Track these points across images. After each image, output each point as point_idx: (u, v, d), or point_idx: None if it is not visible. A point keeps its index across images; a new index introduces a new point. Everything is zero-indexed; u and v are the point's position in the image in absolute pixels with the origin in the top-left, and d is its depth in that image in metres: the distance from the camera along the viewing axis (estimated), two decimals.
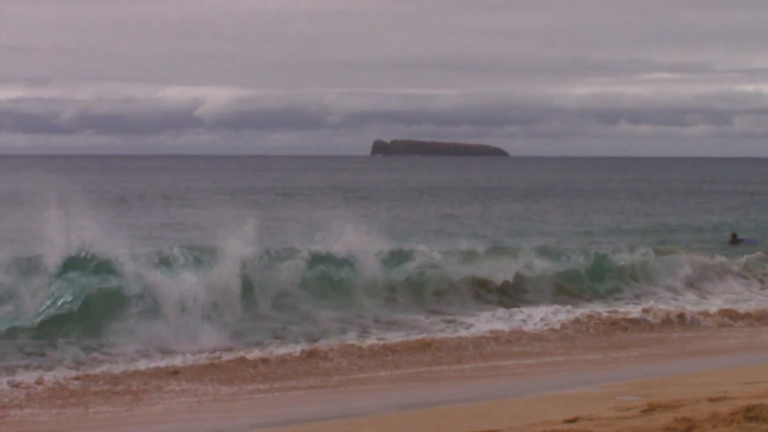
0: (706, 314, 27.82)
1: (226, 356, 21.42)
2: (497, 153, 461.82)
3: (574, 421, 12.23)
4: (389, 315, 26.35)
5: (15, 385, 18.54)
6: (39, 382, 18.85)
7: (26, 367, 20.05)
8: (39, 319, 22.61)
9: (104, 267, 24.65)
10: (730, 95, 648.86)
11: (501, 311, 27.50)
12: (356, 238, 29.23)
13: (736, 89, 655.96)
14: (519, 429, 12.08)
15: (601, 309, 28.06)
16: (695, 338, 25.21)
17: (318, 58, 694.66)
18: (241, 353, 21.64)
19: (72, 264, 24.62)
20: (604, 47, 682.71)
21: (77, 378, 19.40)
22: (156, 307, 23.58)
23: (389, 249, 30.35)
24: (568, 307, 28.22)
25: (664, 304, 29.24)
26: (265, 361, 21.18)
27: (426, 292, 28.58)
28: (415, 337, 24.04)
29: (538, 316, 26.72)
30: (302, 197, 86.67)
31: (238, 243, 26.46)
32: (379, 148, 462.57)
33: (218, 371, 20.19)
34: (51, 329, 22.30)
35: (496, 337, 24.42)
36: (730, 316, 27.80)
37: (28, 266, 24.39)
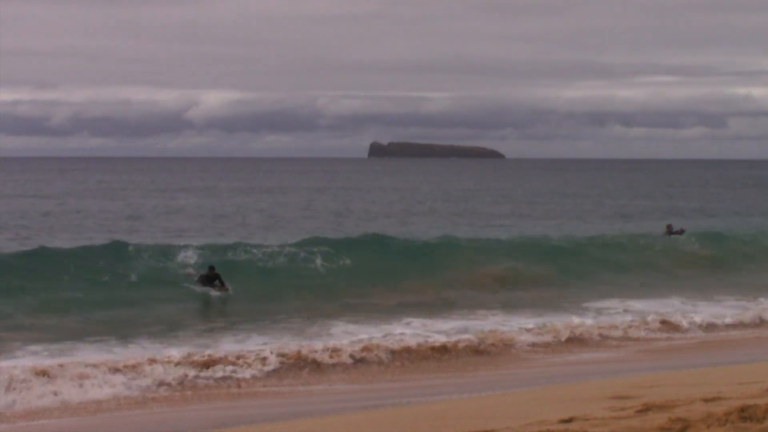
0: None
1: None
2: (493, 155, 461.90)
3: (569, 421, 12.25)
4: None
5: None
6: None
7: None
8: None
9: None
10: (726, 98, 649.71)
11: None
12: None
13: (732, 92, 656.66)
14: (514, 429, 12.09)
15: None
16: None
17: (313, 61, 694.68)
18: None
19: None
20: (604, 51, 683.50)
21: None
22: None
23: None
24: None
25: None
26: None
27: None
28: None
29: None
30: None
31: None
32: (376, 150, 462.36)
33: None
34: None
35: None
36: None
37: None
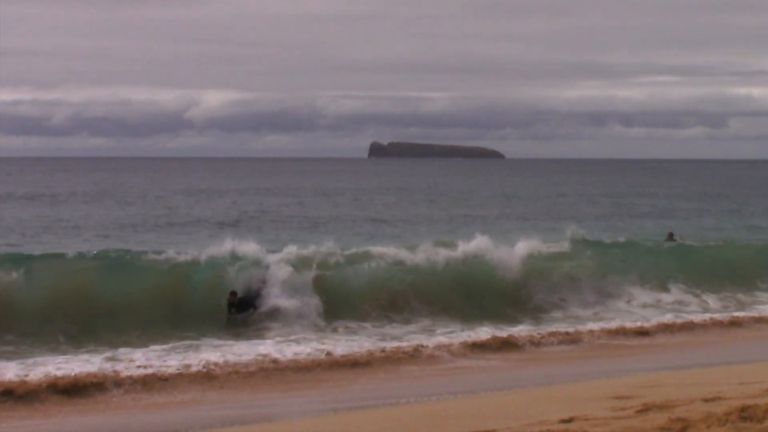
0: None
1: None
2: (493, 155, 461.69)
3: (569, 421, 12.27)
4: None
5: None
6: None
7: None
8: None
9: None
10: (726, 98, 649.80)
11: None
12: None
13: (732, 92, 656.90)
14: (515, 429, 12.11)
15: None
16: None
17: (313, 61, 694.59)
18: None
19: None
20: (604, 51, 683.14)
21: None
22: None
23: None
24: None
25: None
26: None
27: None
28: None
29: None
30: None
31: None
32: (376, 150, 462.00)
33: None
34: None
35: None
36: None
37: None
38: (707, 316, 30.74)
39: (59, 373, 20.17)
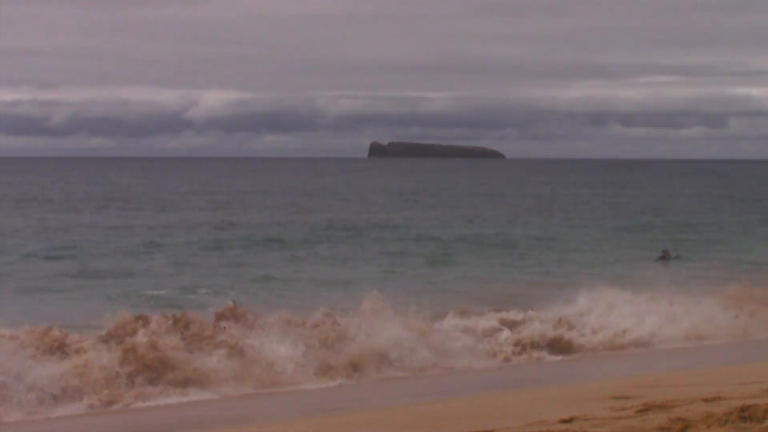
0: None
1: None
2: (493, 155, 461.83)
3: (569, 421, 12.28)
4: None
5: None
6: None
7: None
8: None
9: None
10: (726, 98, 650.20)
11: None
12: None
13: (732, 92, 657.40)
14: (514, 429, 12.12)
15: None
16: None
17: (313, 61, 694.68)
18: None
19: None
20: (604, 51, 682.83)
21: None
22: None
23: None
24: None
25: None
26: None
27: None
28: None
29: None
30: None
31: None
32: (376, 150, 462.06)
33: None
34: None
35: None
36: None
37: None
38: None
39: None
